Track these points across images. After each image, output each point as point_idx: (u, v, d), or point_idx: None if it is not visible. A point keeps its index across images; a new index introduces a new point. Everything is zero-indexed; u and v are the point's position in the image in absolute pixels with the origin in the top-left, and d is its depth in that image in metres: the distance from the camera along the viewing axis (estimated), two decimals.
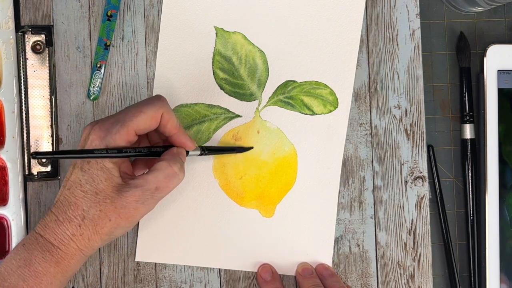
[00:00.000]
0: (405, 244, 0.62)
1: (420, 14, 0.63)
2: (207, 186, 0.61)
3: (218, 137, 0.61)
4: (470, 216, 0.64)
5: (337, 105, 0.62)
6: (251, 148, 0.61)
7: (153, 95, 0.61)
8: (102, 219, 0.50)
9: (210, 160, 0.61)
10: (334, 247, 0.61)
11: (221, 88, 0.61)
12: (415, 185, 0.62)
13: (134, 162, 0.56)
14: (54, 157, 0.49)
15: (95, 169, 0.50)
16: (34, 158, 0.45)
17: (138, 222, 0.60)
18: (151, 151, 0.54)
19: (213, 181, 0.61)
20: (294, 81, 0.62)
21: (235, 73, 0.61)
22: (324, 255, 0.61)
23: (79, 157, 0.50)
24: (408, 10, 0.62)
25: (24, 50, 0.59)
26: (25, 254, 0.50)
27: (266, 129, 0.62)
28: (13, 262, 0.50)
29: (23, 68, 0.59)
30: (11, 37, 0.59)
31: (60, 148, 0.60)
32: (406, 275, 0.62)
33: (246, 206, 0.61)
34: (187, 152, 0.55)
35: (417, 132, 0.62)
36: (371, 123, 0.62)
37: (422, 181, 0.62)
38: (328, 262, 0.61)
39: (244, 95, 0.62)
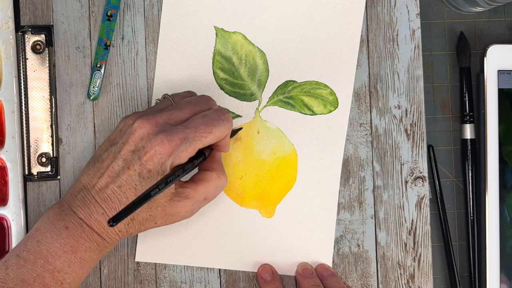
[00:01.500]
0: (405, 244, 0.62)
1: (420, 14, 0.63)
2: None
3: None
4: (470, 216, 0.64)
5: (337, 105, 0.62)
6: (241, 128, 0.60)
7: (154, 96, 0.61)
8: (149, 221, 0.52)
9: None
10: (334, 247, 0.61)
11: (221, 88, 0.61)
12: (415, 185, 0.62)
13: None
14: (131, 211, 0.48)
15: (156, 179, 0.50)
16: (111, 226, 0.45)
17: None
18: (200, 159, 0.54)
19: None
20: (294, 81, 0.62)
21: (235, 73, 0.61)
22: (324, 255, 0.61)
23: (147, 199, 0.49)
24: (408, 10, 0.62)
25: (24, 50, 0.59)
26: (70, 240, 0.50)
27: (266, 129, 0.62)
28: (57, 245, 0.50)
29: (23, 68, 0.59)
30: (11, 37, 0.59)
31: (60, 149, 0.60)
32: (406, 275, 0.62)
33: (246, 206, 0.61)
34: None
35: (417, 132, 0.62)
36: (371, 123, 0.62)
37: (422, 181, 0.62)
38: (328, 262, 0.61)
39: (244, 95, 0.62)
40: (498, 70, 0.63)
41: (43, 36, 0.59)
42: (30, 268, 0.49)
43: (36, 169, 0.59)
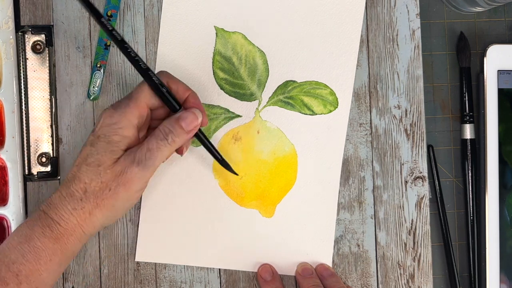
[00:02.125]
0: (405, 244, 0.62)
1: (420, 14, 0.63)
2: (207, 186, 0.61)
3: (218, 137, 0.61)
4: (470, 216, 0.64)
5: (337, 105, 0.62)
6: (236, 174, 0.60)
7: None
8: (103, 190, 0.51)
9: (210, 160, 0.61)
10: (334, 247, 0.61)
11: (221, 88, 0.61)
12: (415, 185, 0.62)
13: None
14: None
15: (103, 142, 0.51)
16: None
17: (138, 223, 0.60)
18: (170, 97, 0.54)
19: (213, 181, 0.61)
20: (294, 81, 0.62)
21: (235, 73, 0.61)
22: (324, 255, 0.61)
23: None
24: (408, 10, 0.62)
25: (24, 50, 0.59)
26: (26, 230, 0.50)
27: (266, 129, 0.62)
28: (15, 238, 0.50)
29: (23, 68, 0.59)
30: (11, 37, 0.59)
31: (60, 149, 0.60)
32: (406, 275, 0.62)
33: (246, 206, 0.61)
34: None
35: (417, 132, 0.62)
36: (371, 123, 0.62)
37: (422, 181, 0.62)
38: (328, 262, 0.61)
39: (244, 95, 0.62)
40: (498, 70, 0.63)
41: (43, 36, 0.59)
42: None
43: (36, 169, 0.59)
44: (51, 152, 0.60)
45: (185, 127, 0.53)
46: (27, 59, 0.59)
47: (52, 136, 0.60)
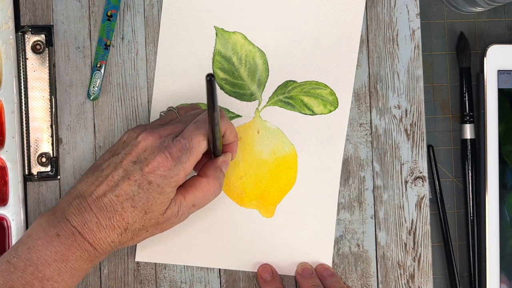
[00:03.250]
0: (405, 244, 0.62)
1: (420, 14, 0.63)
2: None
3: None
4: (470, 216, 0.64)
5: (337, 105, 0.62)
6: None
7: (154, 96, 0.61)
8: (142, 231, 0.52)
9: None
10: (334, 247, 0.61)
11: (221, 88, 0.61)
12: (415, 185, 0.62)
13: None
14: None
15: (154, 191, 0.50)
16: (210, 80, 0.44)
17: None
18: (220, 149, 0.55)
19: None
20: (294, 81, 0.62)
21: (235, 73, 0.61)
22: (324, 255, 0.61)
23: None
24: (408, 10, 0.62)
25: (24, 50, 0.59)
26: (61, 248, 0.50)
27: (266, 129, 0.62)
28: (48, 253, 0.50)
29: (23, 68, 0.59)
30: (11, 37, 0.59)
31: (60, 149, 0.60)
32: (406, 275, 0.62)
33: (246, 206, 0.61)
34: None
35: (417, 132, 0.62)
36: (371, 123, 0.62)
37: (422, 181, 0.62)
38: (328, 262, 0.61)
39: (244, 95, 0.62)
40: (498, 70, 0.63)
41: (43, 36, 0.59)
42: (19, 275, 0.49)
43: (36, 169, 0.59)
44: (51, 152, 0.60)
45: (225, 171, 0.56)
46: (27, 59, 0.59)
47: (52, 136, 0.60)
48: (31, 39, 0.59)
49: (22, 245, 0.50)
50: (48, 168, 0.59)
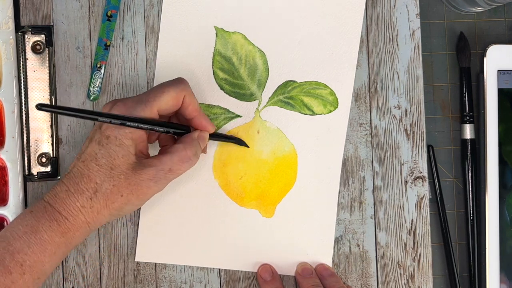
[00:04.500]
0: (405, 244, 0.62)
1: (420, 14, 0.63)
2: (207, 187, 0.61)
3: None
4: (470, 216, 0.64)
5: (337, 105, 0.62)
6: (247, 146, 0.61)
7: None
8: (114, 194, 0.51)
9: (210, 161, 0.61)
10: (334, 247, 0.61)
11: (221, 88, 0.61)
12: (415, 185, 0.62)
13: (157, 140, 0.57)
14: (66, 113, 0.50)
15: (114, 144, 0.51)
16: (39, 109, 0.45)
17: (138, 223, 0.60)
18: (179, 129, 0.55)
19: (213, 182, 0.61)
20: (294, 81, 0.62)
21: (235, 73, 0.61)
22: (324, 255, 0.61)
23: (102, 120, 0.50)
24: (408, 10, 0.62)
25: (24, 50, 0.59)
26: (32, 221, 0.50)
27: (266, 129, 0.62)
28: (20, 227, 0.50)
29: (23, 68, 0.59)
30: (11, 37, 0.59)
31: (60, 149, 0.60)
32: (406, 275, 0.62)
33: (246, 206, 0.61)
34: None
35: (417, 132, 0.62)
36: (371, 123, 0.62)
37: (422, 181, 0.62)
38: (328, 262, 0.61)
39: (244, 95, 0.62)
40: (498, 70, 0.63)
41: (43, 36, 0.59)
42: None
43: (36, 169, 0.59)
44: (51, 152, 0.60)
45: (203, 146, 0.56)
46: (27, 59, 0.59)
47: (52, 136, 0.60)
48: (31, 39, 0.59)
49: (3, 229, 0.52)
50: (48, 168, 0.59)
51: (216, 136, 0.59)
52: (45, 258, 0.50)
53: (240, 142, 0.61)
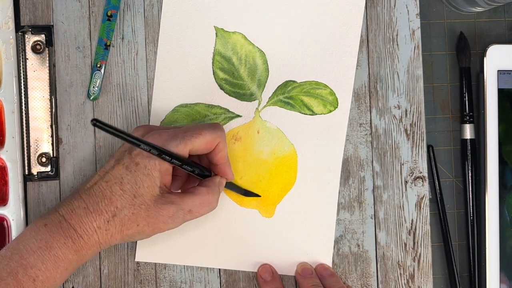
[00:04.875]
0: (405, 244, 0.62)
1: (420, 14, 0.63)
2: None
3: None
4: (470, 216, 0.64)
5: (337, 105, 0.62)
6: (259, 196, 0.61)
7: (154, 96, 0.61)
8: (132, 221, 0.51)
9: None
10: (334, 247, 0.61)
11: (221, 88, 0.61)
12: (415, 185, 0.62)
13: (175, 176, 0.57)
14: (115, 134, 0.48)
15: (141, 173, 0.51)
16: (94, 125, 0.45)
17: None
18: (202, 172, 0.55)
19: None
20: (294, 81, 0.62)
21: (235, 73, 0.61)
22: (324, 255, 0.61)
23: (143, 148, 0.50)
24: (408, 10, 0.62)
25: (24, 50, 0.59)
26: (46, 236, 0.50)
27: (266, 129, 0.62)
28: (34, 241, 0.50)
29: (23, 68, 0.59)
30: (11, 37, 0.59)
31: (60, 149, 0.60)
32: (406, 275, 0.62)
33: (246, 206, 0.61)
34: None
35: (417, 132, 0.62)
36: (371, 123, 0.62)
37: (422, 181, 0.62)
38: (328, 262, 0.61)
39: (244, 95, 0.62)
40: (498, 70, 0.63)
41: (43, 36, 0.59)
42: (6, 263, 0.49)
43: (36, 169, 0.59)
44: (51, 152, 0.60)
45: (221, 192, 0.57)
46: (27, 59, 0.59)
47: (52, 136, 0.60)
48: (31, 39, 0.59)
49: (15, 239, 0.51)
50: (48, 168, 0.59)
51: (228, 185, 0.59)
52: (57, 274, 0.50)
53: (248, 193, 0.61)
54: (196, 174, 0.55)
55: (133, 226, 0.52)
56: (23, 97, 0.59)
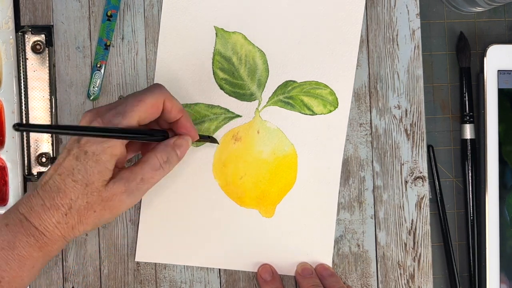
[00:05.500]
0: (405, 244, 0.62)
1: (420, 14, 0.63)
2: (207, 187, 0.61)
3: (218, 137, 0.61)
4: (470, 216, 0.64)
5: (337, 105, 0.62)
6: (218, 143, 0.60)
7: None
8: (88, 210, 0.50)
9: (210, 161, 0.61)
10: (334, 247, 0.61)
11: (221, 88, 0.61)
12: (415, 185, 0.62)
13: (131, 147, 0.56)
14: (43, 131, 0.47)
15: (91, 160, 0.50)
16: (17, 130, 0.44)
17: (138, 223, 0.60)
18: (154, 135, 0.53)
19: (213, 182, 0.61)
20: (294, 81, 0.62)
21: (235, 73, 0.61)
22: (324, 255, 0.61)
23: (76, 133, 0.49)
24: (408, 10, 0.62)
25: (24, 50, 0.59)
26: (8, 236, 0.49)
27: (266, 129, 0.62)
28: None
29: (23, 68, 0.59)
30: (11, 37, 0.59)
31: (60, 149, 0.60)
32: (406, 275, 0.62)
33: (246, 206, 0.61)
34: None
35: (417, 132, 0.62)
36: (371, 123, 0.62)
37: (422, 181, 0.62)
38: (328, 262, 0.61)
39: (244, 95, 0.62)
40: (498, 70, 0.63)
41: (43, 36, 0.59)
42: None
43: (36, 169, 0.59)
44: (51, 152, 0.60)
45: (180, 155, 0.54)
46: (27, 59, 0.59)
47: (52, 136, 0.60)
48: (31, 39, 0.59)
49: None
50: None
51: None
52: (23, 273, 0.50)
53: (213, 140, 0.60)
54: (150, 140, 0.53)
55: (91, 214, 0.51)
56: (23, 97, 0.59)
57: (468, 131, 0.64)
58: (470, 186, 0.64)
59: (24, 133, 0.59)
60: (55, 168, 0.51)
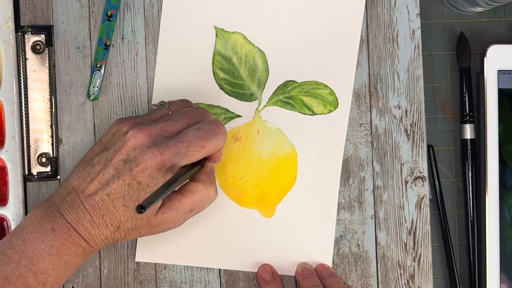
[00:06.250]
0: (405, 244, 0.62)
1: (420, 14, 0.63)
2: None
3: None
4: (470, 216, 0.64)
5: (337, 105, 0.62)
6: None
7: (154, 96, 0.61)
8: (134, 231, 0.52)
9: None
10: (334, 247, 0.61)
11: (221, 88, 0.61)
12: (415, 185, 0.62)
13: None
14: (160, 198, 0.47)
15: (144, 191, 0.50)
16: (140, 212, 0.44)
17: None
18: (198, 167, 0.54)
19: None
20: (294, 81, 0.62)
21: (235, 73, 0.61)
22: (324, 255, 0.61)
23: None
24: (408, 10, 0.62)
25: (24, 50, 0.59)
26: (57, 243, 0.50)
27: (266, 129, 0.62)
28: (43, 246, 0.50)
29: (23, 68, 0.59)
30: (11, 37, 0.59)
31: (60, 149, 0.60)
32: (406, 275, 0.62)
33: (246, 206, 0.61)
34: None
35: (417, 132, 0.62)
36: (371, 123, 0.62)
37: (422, 181, 0.62)
38: (328, 262, 0.61)
39: (244, 95, 0.62)
40: (498, 70, 0.63)
41: (43, 36, 0.59)
42: (13, 267, 0.49)
43: (36, 169, 0.59)
44: (51, 152, 0.60)
45: (213, 173, 0.56)
46: (27, 59, 0.59)
47: (52, 136, 0.60)
48: (31, 39, 0.59)
49: (16, 236, 0.51)
50: (48, 168, 0.59)
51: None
52: (65, 277, 0.52)
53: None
54: (198, 171, 0.54)
55: (135, 234, 0.53)
56: (23, 97, 0.59)
57: (468, 131, 0.64)
58: (470, 186, 0.64)
59: (24, 134, 0.59)
60: (102, 185, 0.51)
